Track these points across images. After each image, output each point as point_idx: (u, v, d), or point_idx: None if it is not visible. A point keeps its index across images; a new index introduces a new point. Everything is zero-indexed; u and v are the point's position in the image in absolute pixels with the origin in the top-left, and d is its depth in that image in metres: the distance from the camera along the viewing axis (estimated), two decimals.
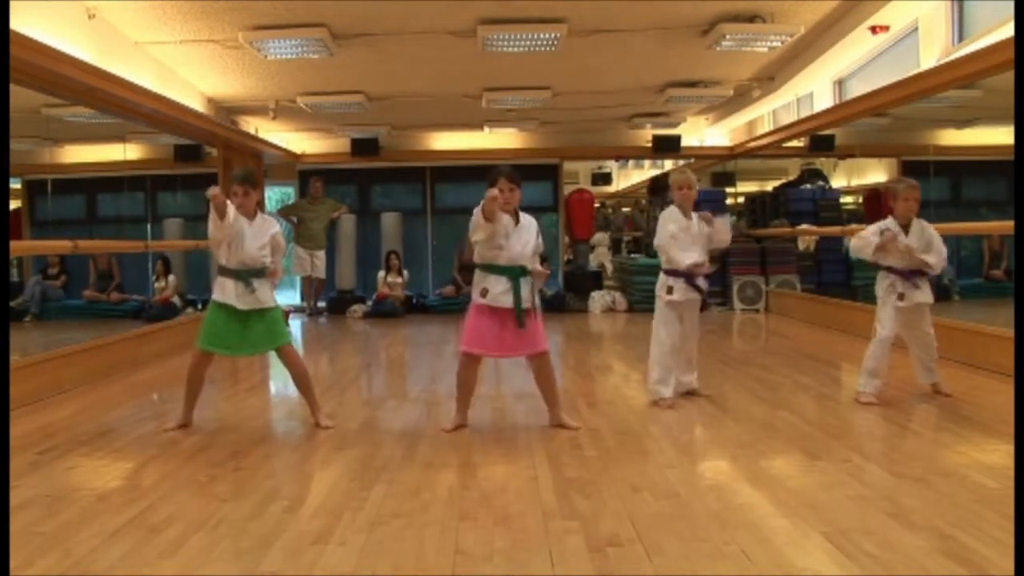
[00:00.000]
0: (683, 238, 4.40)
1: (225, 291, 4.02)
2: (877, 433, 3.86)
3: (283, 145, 10.54)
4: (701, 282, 4.45)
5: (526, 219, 3.95)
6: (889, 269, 4.45)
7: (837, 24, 6.32)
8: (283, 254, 4.24)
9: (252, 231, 4.05)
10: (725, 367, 5.69)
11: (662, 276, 4.45)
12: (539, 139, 11.10)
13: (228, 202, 3.93)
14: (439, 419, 4.17)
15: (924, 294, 4.45)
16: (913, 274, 4.41)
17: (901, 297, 4.39)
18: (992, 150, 7.91)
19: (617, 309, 10.27)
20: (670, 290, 4.39)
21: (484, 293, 3.83)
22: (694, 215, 4.47)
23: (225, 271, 4.05)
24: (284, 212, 10.66)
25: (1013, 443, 3.46)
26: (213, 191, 3.79)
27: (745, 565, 2.29)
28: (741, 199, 11.59)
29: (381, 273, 10.34)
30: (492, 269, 3.85)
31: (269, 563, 2.36)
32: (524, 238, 3.89)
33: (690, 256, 4.37)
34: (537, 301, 3.93)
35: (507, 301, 3.81)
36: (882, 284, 4.49)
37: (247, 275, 4.01)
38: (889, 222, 4.45)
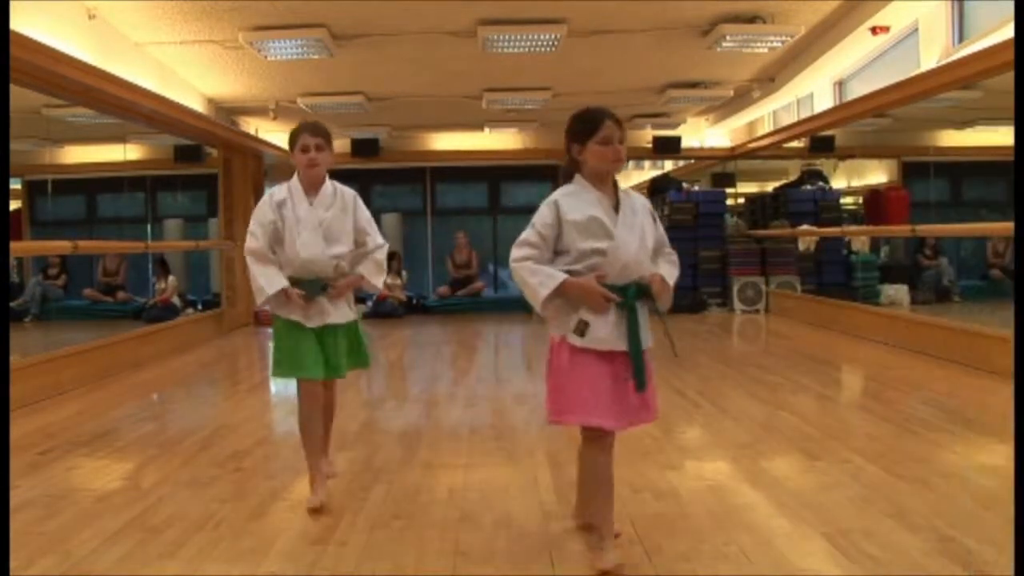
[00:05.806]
0: None
1: None
2: (877, 433, 3.85)
3: (283, 146, 10.51)
4: None
5: (630, 199, 2.38)
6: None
7: (837, 25, 6.32)
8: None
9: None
10: (725, 367, 5.69)
11: None
12: (539, 139, 11.08)
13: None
14: (439, 420, 4.17)
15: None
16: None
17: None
18: (992, 151, 7.90)
19: None
20: None
21: (583, 330, 2.27)
22: None
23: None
24: None
25: (1013, 443, 3.46)
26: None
27: (745, 565, 2.28)
28: (741, 200, 11.60)
29: None
30: None
31: (269, 563, 2.36)
32: (638, 223, 2.34)
33: None
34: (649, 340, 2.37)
35: (618, 341, 2.27)
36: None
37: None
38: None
